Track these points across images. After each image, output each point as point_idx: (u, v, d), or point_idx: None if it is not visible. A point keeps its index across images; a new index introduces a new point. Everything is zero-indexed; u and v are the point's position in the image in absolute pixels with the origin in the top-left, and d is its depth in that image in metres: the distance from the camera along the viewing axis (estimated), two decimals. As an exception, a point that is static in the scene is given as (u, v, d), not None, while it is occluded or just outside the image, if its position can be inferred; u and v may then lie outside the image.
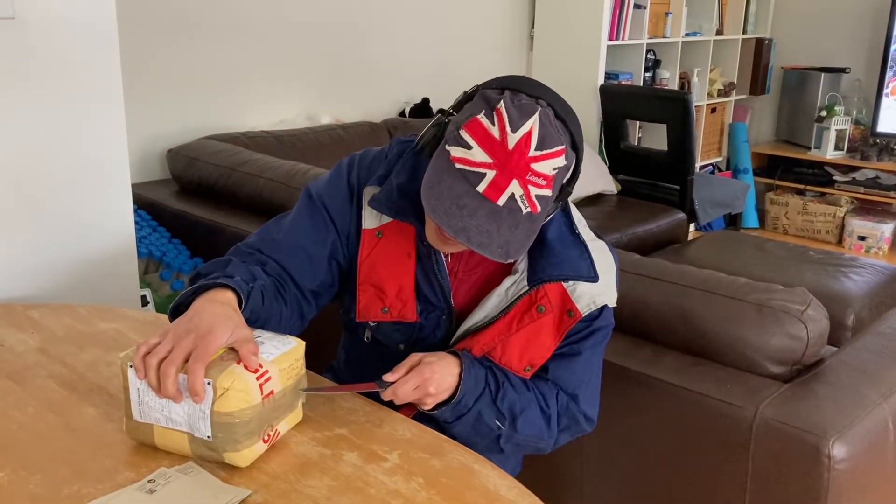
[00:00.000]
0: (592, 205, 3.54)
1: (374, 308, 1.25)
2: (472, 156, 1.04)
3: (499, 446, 1.23)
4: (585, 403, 1.28)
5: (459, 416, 1.17)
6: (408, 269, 1.23)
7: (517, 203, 1.04)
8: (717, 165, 5.00)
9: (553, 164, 1.05)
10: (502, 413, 1.20)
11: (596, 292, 1.21)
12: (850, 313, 2.39)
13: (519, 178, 1.03)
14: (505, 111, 1.03)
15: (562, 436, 1.28)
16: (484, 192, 1.03)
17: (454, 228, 1.03)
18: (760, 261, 2.78)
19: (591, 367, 1.29)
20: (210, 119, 2.96)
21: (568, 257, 1.20)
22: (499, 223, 1.04)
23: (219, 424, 0.97)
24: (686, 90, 4.42)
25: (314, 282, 1.24)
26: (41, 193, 1.67)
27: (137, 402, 1.01)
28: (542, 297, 1.20)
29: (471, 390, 1.17)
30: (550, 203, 1.10)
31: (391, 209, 1.19)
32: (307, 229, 1.24)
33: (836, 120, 4.59)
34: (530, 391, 1.24)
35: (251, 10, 3.00)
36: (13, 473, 0.99)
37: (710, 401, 1.43)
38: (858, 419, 1.34)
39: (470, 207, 1.03)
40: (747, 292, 1.51)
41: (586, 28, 3.90)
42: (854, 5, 4.66)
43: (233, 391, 0.96)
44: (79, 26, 1.65)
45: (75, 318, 1.45)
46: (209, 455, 1.00)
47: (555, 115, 1.06)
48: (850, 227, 4.50)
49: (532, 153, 1.03)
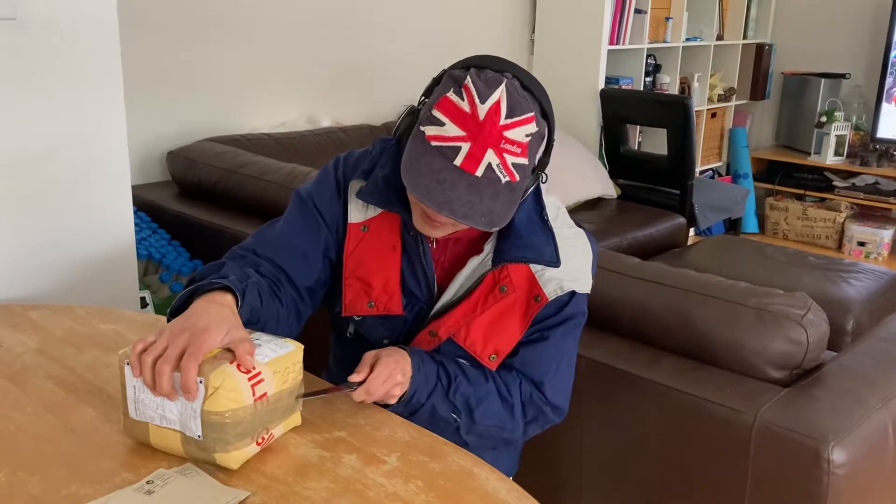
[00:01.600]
0: (592, 209, 3.54)
1: (361, 302, 1.27)
2: (446, 131, 1.07)
3: (460, 437, 1.23)
4: (552, 392, 1.27)
5: (413, 412, 1.19)
6: (393, 262, 1.25)
7: (495, 173, 1.06)
8: (717, 170, 5.00)
9: (525, 131, 1.08)
10: (456, 406, 1.21)
11: (565, 278, 1.22)
12: (849, 318, 2.39)
13: (493, 148, 1.06)
14: (472, 85, 1.07)
15: (530, 427, 1.29)
16: (461, 165, 1.06)
17: (437, 202, 1.05)
18: (760, 265, 2.78)
19: (561, 355, 1.28)
20: (210, 121, 2.96)
21: (533, 242, 1.22)
22: (480, 194, 1.06)
23: (209, 424, 0.97)
24: (686, 95, 4.42)
25: (310, 278, 1.26)
26: (41, 194, 1.67)
27: (133, 399, 1.01)
28: (505, 278, 1.22)
29: (422, 386, 1.18)
30: (529, 172, 1.12)
31: (379, 199, 1.22)
32: (300, 228, 1.27)
33: (835, 125, 4.59)
34: (489, 382, 1.24)
35: (252, 13, 3.01)
36: (11, 474, 0.99)
37: (710, 405, 1.43)
38: (858, 424, 1.34)
39: (450, 181, 1.05)
40: (747, 296, 1.51)
41: (587, 32, 3.91)
42: (854, 11, 4.67)
43: (223, 390, 0.96)
44: (80, 27, 1.65)
45: (74, 320, 1.45)
46: (200, 455, 1.00)
47: (521, 86, 1.10)
48: (850, 233, 4.50)
49: (503, 121, 1.06)
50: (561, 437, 1.66)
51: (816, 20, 4.82)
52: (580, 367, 1.59)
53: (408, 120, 1.18)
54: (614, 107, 3.89)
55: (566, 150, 3.65)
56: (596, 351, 1.59)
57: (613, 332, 1.64)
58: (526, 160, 1.09)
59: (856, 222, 4.51)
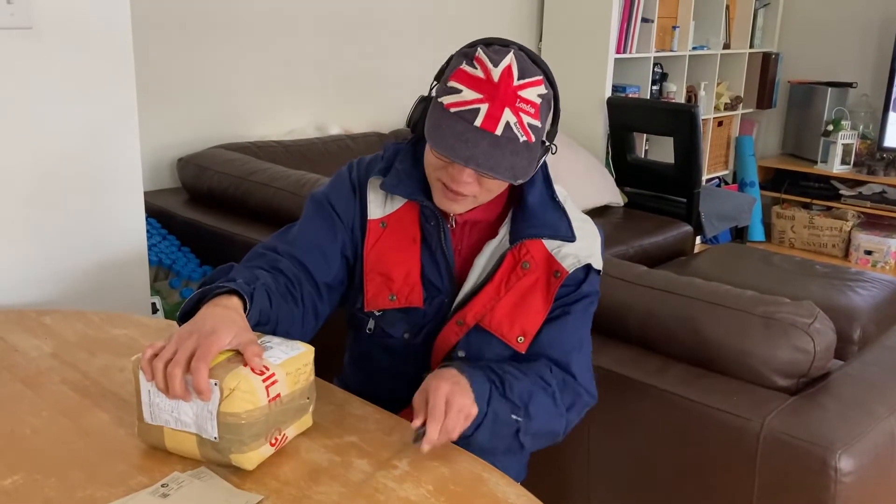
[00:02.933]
0: (599, 217, 3.55)
1: (383, 296, 1.29)
2: (464, 97, 1.12)
3: (519, 442, 1.21)
4: (580, 373, 1.28)
5: (478, 425, 1.14)
6: (414, 255, 1.28)
7: (513, 131, 1.11)
8: (724, 178, 5.01)
9: (536, 91, 1.14)
10: (516, 404, 1.18)
11: (581, 253, 1.26)
12: (856, 327, 2.39)
13: (510, 106, 1.11)
14: (483, 55, 1.13)
15: (570, 415, 1.27)
16: (482, 126, 1.10)
17: (462, 157, 1.10)
18: (767, 274, 2.79)
19: (582, 333, 1.30)
20: (220, 129, 2.98)
21: (547, 219, 1.26)
22: (502, 150, 1.11)
23: (225, 425, 0.98)
24: (693, 103, 4.43)
25: (328, 275, 1.29)
26: (55, 201, 1.69)
27: (148, 403, 1.03)
28: (526, 254, 1.25)
29: (479, 393, 1.15)
30: (542, 136, 1.17)
31: (402, 190, 1.27)
32: (317, 227, 1.30)
33: (842, 134, 4.60)
34: (528, 375, 1.23)
35: (262, 21, 3.03)
36: (28, 477, 1.00)
37: (717, 412, 1.43)
38: (865, 432, 1.34)
39: (473, 140, 1.10)
40: (754, 305, 1.52)
41: (594, 41, 3.92)
42: (861, 20, 4.67)
43: (239, 392, 0.98)
44: (95, 36, 1.67)
45: (88, 325, 1.47)
46: (216, 457, 1.01)
47: (527, 56, 1.17)
48: (857, 242, 4.50)
49: (517, 82, 1.12)
50: (568, 444, 1.66)
51: (823, 29, 4.83)
52: (588, 375, 1.60)
53: (421, 107, 1.24)
54: (621, 115, 3.90)
55: (573, 157, 3.67)
56: (603, 358, 1.60)
57: (621, 340, 1.65)
58: (539, 122, 1.15)
59: (863, 231, 4.51)
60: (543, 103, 1.15)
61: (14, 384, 1.24)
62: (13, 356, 1.34)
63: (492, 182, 1.18)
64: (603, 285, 1.69)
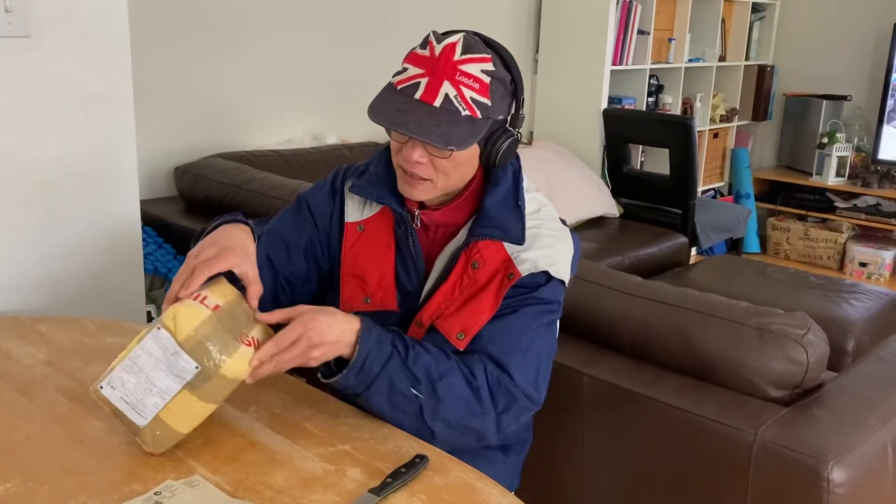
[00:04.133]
0: (595, 227, 3.56)
1: (357, 298, 1.31)
2: (408, 74, 1.17)
3: (426, 426, 1.15)
4: (520, 375, 1.20)
5: (368, 385, 1.12)
6: (388, 259, 1.30)
7: (454, 104, 1.13)
8: (719, 190, 5.02)
9: (481, 67, 1.15)
10: (416, 377, 1.14)
11: (541, 261, 1.23)
12: (850, 339, 2.40)
13: (449, 79, 1.14)
14: (433, 36, 1.18)
15: (504, 418, 1.20)
16: (421, 98, 1.14)
17: (395, 123, 1.13)
18: (761, 285, 2.79)
19: (531, 338, 1.22)
20: (217, 137, 2.99)
21: (501, 222, 1.24)
22: (438, 119, 1.13)
23: (192, 350, 1.02)
24: (689, 115, 4.45)
25: (288, 269, 1.33)
26: (51, 208, 1.70)
27: (131, 409, 1.03)
28: (476, 254, 1.24)
29: (374, 351, 1.12)
30: (493, 115, 1.17)
31: (370, 193, 1.30)
32: (289, 223, 1.36)
33: (837, 147, 4.62)
34: (450, 359, 1.18)
35: (260, 31, 3.04)
36: (21, 485, 1.00)
37: (711, 423, 1.44)
38: (858, 443, 1.35)
39: (409, 110, 1.14)
40: (748, 316, 1.53)
41: (590, 53, 3.94)
42: (856, 34, 4.71)
43: (180, 318, 1.03)
44: (92, 45, 1.68)
45: (82, 332, 1.47)
46: (211, 387, 1.03)
47: (483, 41, 1.19)
48: (852, 254, 4.51)
49: (458, 57, 1.15)
50: (563, 454, 1.67)
51: (818, 42, 4.86)
52: (582, 385, 1.60)
53: None
54: (617, 126, 3.92)
55: (569, 168, 3.68)
56: (598, 369, 1.61)
57: (615, 350, 1.66)
58: (487, 100, 1.15)
59: (857, 243, 4.53)
60: (495, 83, 1.16)
61: (8, 391, 1.24)
62: (7, 363, 1.34)
63: (446, 164, 1.19)
64: (598, 296, 1.70)
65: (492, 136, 1.20)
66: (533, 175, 3.89)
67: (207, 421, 1.14)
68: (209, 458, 1.07)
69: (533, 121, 4.26)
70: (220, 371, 1.02)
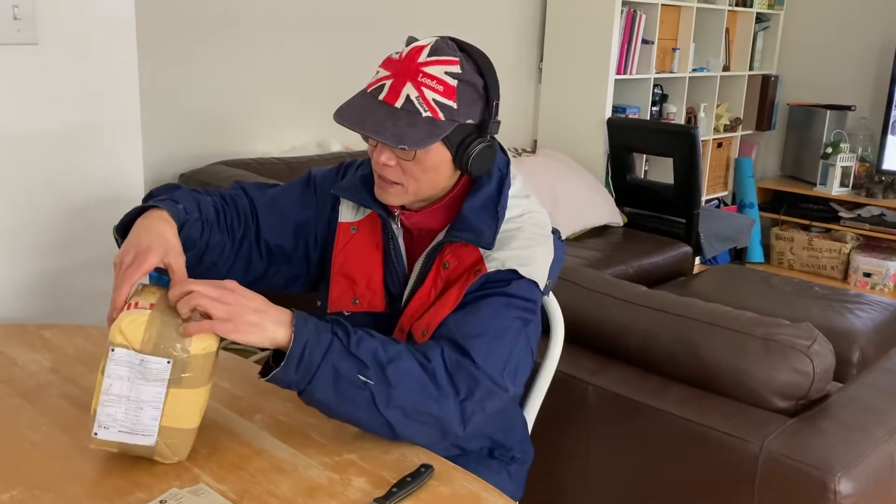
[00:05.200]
0: (598, 236, 3.56)
1: (346, 298, 1.31)
2: (377, 76, 1.19)
3: (381, 416, 1.07)
4: (483, 358, 1.12)
5: (311, 378, 1.04)
6: (376, 260, 1.30)
7: (415, 105, 1.14)
8: (723, 200, 5.02)
9: (445, 69, 1.15)
10: (363, 362, 1.06)
11: (509, 261, 1.19)
12: (855, 349, 2.39)
13: (411, 80, 1.14)
14: (407, 41, 1.19)
15: (468, 405, 1.11)
16: (384, 99, 1.15)
17: (353, 122, 1.15)
18: (766, 295, 2.79)
19: (498, 325, 1.16)
20: (222, 145, 2.99)
21: (475, 225, 1.22)
22: (395, 119, 1.13)
23: (154, 350, 1.01)
24: (693, 125, 4.45)
25: (273, 238, 1.33)
26: (56, 214, 1.70)
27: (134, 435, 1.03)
28: (448, 255, 1.23)
29: (312, 339, 1.04)
30: (460, 119, 1.16)
31: (353, 195, 1.30)
32: (291, 194, 1.36)
33: (841, 157, 4.62)
34: (399, 344, 1.12)
35: (264, 39, 3.05)
36: (26, 492, 1.00)
37: (716, 434, 1.43)
38: (865, 455, 1.34)
39: (370, 110, 1.16)
40: (754, 326, 1.52)
41: (594, 62, 3.95)
42: (860, 44, 4.71)
43: (126, 329, 1.02)
44: (99, 52, 1.69)
45: (87, 339, 1.47)
46: (198, 372, 1.03)
47: (457, 46, 1.19)
48: (856, 264, 4.51)
49: (422, 59, 1.15)
50: (567, 463, 1.66)
51: (822, 53, 4.87)
52: (587, 395, 1.60)
53: None
54: (621, 135, 3.92)
55: (573, 177, 3.68)
56: (603, 378, 1.60)
57: (621, 360, 1.65)
58: (453, 103, 1.15)
59: (861, 253, 4.52)
60: (462, 86, 1.15)
61: (13, 398, 1.24)
62: (12, 370, 1.34)
63: (413, 167, 1.19)
64: (603, 305, 1.70)
65: (463, 141, 1.19)
66: (536, 183, 3.88)
67: (213, 429, 1.15)
68: (214, 467, 1.07)
69: (537, 129, 4.27)
70: (191, 353, 1.02)
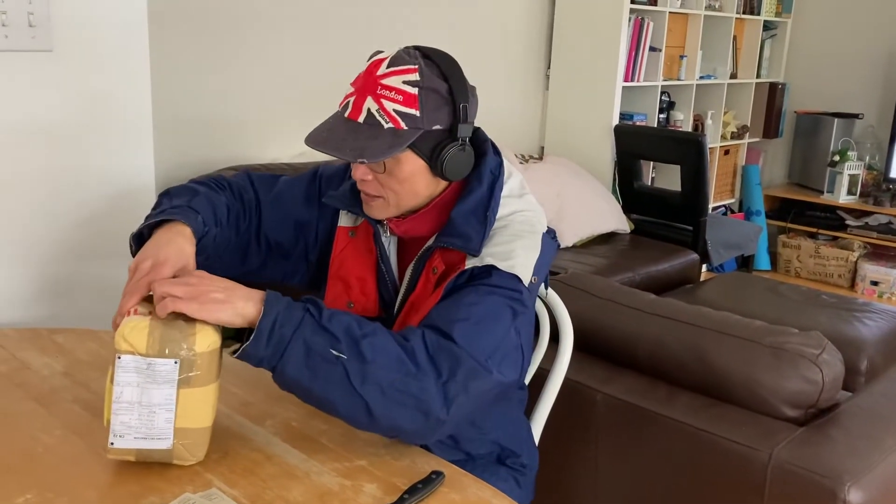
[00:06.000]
0: (606, 243, 3.56)
1: (341, 301, 1.33)
2: (346, 93, 1.22)
3: (356, 394, 1.02)
4: (464, 338, 1.09)
5: (282, 353, 1.01)
6: (370, 265, 1.32)
7: (376, 118, 1.16)
8: (730, 207, 5.02)
9: (403, 78, 1.17)
10: (335, 336, 1.02)
11: (489, 258, 1.18)
12: (863, 358, 2.39)
13: (371, 94, 1.17)
14: (369, 58, 1.21)
15: (450, 387, 1.06)
16: (349, 116, 1.19)
17: (315, 141, 1.17)
18: (774, 304, 2.79)
19: (482, 311, 1.13)
20: (231, 150, 3.01)
21: (464, 231, 1.22)
22: (357, 135, 1.16)
23: (160, 353, 1.02)
24: (700, 132, 4.46)
25: (274, 234, 1.36)
26: (68, 220, 1.71)
27: (150, 440, 1.04)
28: (437, 261, 1.24)
29: (283, 314, 1.02)
30: (424, 126, 1.17)
31: (342, 203, 1.32)
32: (297, 192, 1.38)
33: (848, 165, 4.61)
34: (375, 324, 1.09)
35: (273, 45, 3.07)
36: (40, 495, 1.00)
37: (725, 442, 1.43)
38: (875, 464, 1.34)
39: (334, 127, 1.19)
40: (763, 335, 1.53)
41: (602, 69, 3.96)
42: (868, 52, 4.71)
43: (130, 335, 1.02)
44: (112, 59, 1.70)
45: (99, 344, 1.48)
46: (206, 368, 1.04)
47: (421, 53, 1.21)
48: (863, 272, 4.50)
49: (381, 71, 1.18)
50: (576, 471, 1.67)
51: (830, 60, 4.87)
52: (596, 403, 1.60)
53: None
54: (628, 142, 3.93)
55: (580, 184, 3.69)
56: (612, 386, 1.61)
57: (630, 368, 1.66)
58: (415, 111, 1.16)
59: (869, 261, 4.51)
60: (424, 92, 1.16)
61: (26, 402, 1.25)
62: (25, 374, 1.34)
63: (388, 179, 1.21)
64: (612, 313, 1.70)
65: (436, 147, 1.20)
66: (543, 190, 3.88)
67: (224, 434, 1.15)
68: (226, 472, 1.08)
69: (544, 136, 4.27)
70: (197, 351, 1.02)
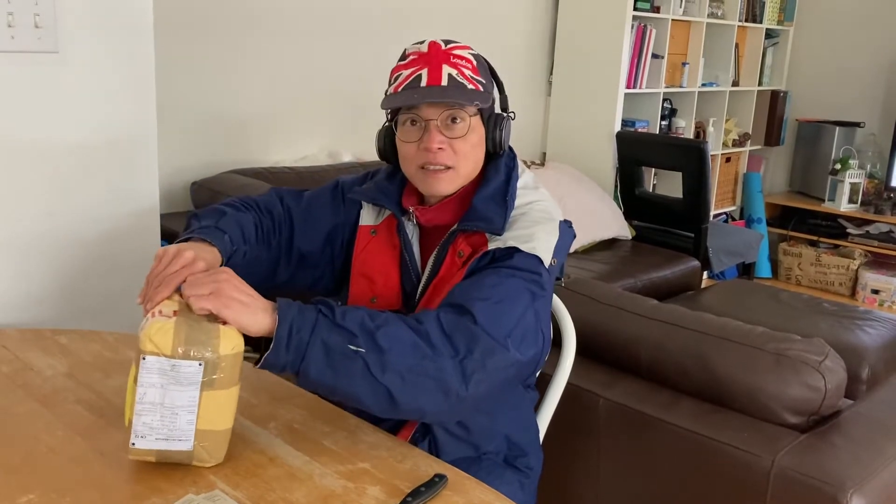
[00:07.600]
0: (607, 249, 3.56)
1: (365, 298, 1.35)
2: (403, 76, 1.25)
3: (379, 383, 1.04)
4: (484, 317, 1.10)
5: (303, 356, 1.03)
6: (394, 260, 1.35)
7: (458, 80, 1.23)
8: (731, 214, 5.02)
9: (468, 51, 1.26)
10: (351, 332, 1.04)
11: (512, 240, 1.22)
12: (865, 366, 2.39)
13: (446, 63, 1.23)
14: (410, 46, 1.27)
15: (468, 363, 1.07)
16: (428, 83, 1.22)
17: (416, 99, 1.21)
18: (775, 311, 2.79)
19: (502, 292, 1.15)
20: (234, 153, 3.01)
21: (486, 214, 1.26)
22: (446, 91, 1.22)
23: (184, 354, 1.02)
24: (702, 139, 4.46)
25: (305, 245, 1.39)
26: (72, 222, 1.71)
27: (171, 441, 1.04)
28: (461, 244, 1.27)
29: (297, 319, 1.03)
30: (491, 96, 1.27)
31: (367, 196, 1.37)
32: (323, 203, 1.42)
33: (850, 173, 4.62)
34: (385, 313, 1.10)
35: (277, 49, 3.08)
36: (43, 496, 1.01)
37: (727, 448, 1.43)
38: (876, 472, 1.34)
39: (421, 92, 1.22)
40: (765, 341, 1.53)
41: (604, 75, 3.97)
42: (869, 60, 4.72)
43: (155, 337, 1.03)
44: (118, 62, 1.71)
45: (103, 345, 1.48)
46: (228, 371, 1.04)
47: None
48: (864, 281, 4.50)
49: (445, 47, 1.25)
50: (578, 475, 1.67)
51: (831, 68, 4.88)
52: (598, 407, 1.60)
53: (384, 132, 1.38)
54: (630, 149, 3.93)
55: (582, 190, 3.69)
56: (614, 392, 1.61)
57: (632, 373, 1.66)
58: (481, 78, 1.25)
59: (870, 270, 4.51)
60: (481, 64, 1.27)
61: (29, 402, 1.25)
62: (28, 375, 1.35)
63: (463, 145, 1.24)
64: (614, 318, 1.70)
65: (490, 118, 1.29)
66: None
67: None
68: (229, 473, 1.08)
69: (546, 142, 4.28)
70: (221, 354, 1.03)
